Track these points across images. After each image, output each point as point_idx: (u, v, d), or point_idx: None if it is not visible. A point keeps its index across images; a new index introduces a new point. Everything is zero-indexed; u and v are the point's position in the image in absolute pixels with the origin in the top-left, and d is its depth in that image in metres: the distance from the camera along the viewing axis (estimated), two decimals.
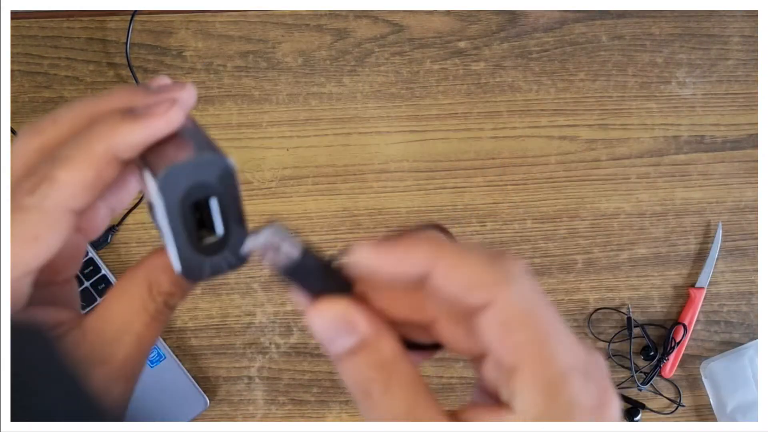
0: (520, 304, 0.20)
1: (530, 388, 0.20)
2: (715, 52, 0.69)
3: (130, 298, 0.25)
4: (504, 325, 0.20)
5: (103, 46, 0.66)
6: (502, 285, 0.20)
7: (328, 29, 0.67)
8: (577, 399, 0.20)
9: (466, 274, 0.21)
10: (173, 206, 0.23)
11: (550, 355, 0.20)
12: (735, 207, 0.67)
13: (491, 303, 0.20)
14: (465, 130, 0.66)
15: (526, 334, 0.20)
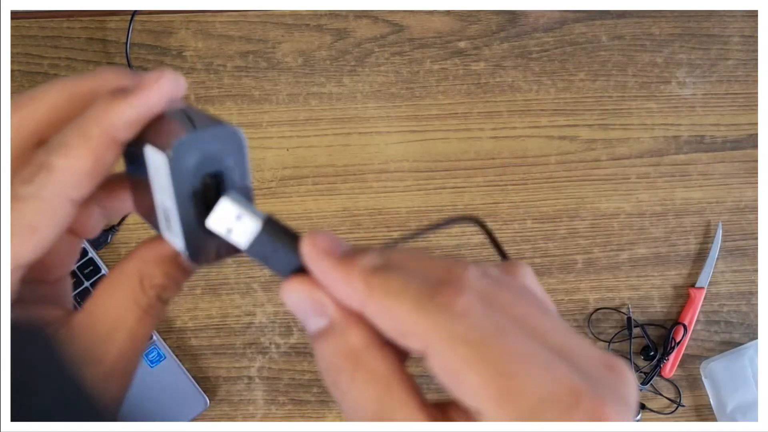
0: (460, 348, 0.18)
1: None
2: (715, 52, 0.69)
3: (121, 292, 0.24)
4: (447, 371, 0.18)
5: (103, 46, 0.66)
6: (433, 331, 0.18)
7: (328, 29, 0.67)
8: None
9: (394, 322, 0.19)
10: (183, 179, 0.21)
11: (514, 391, 0.18)
12: (735, 207, 0.67)
13: (427, 351, 0.19)
14: (465, 130, 0.66)
15: (476, 377, 0.18)
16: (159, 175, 0.22)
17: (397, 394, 0.19)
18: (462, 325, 0.18)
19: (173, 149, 0.21)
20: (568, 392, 0.18)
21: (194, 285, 0.63)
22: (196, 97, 0.65)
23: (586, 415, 0.18)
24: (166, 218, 0.23)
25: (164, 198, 0.22)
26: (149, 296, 0.24)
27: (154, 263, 0.24)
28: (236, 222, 0.21)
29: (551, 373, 0.18)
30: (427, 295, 0.19)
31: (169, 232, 0.23)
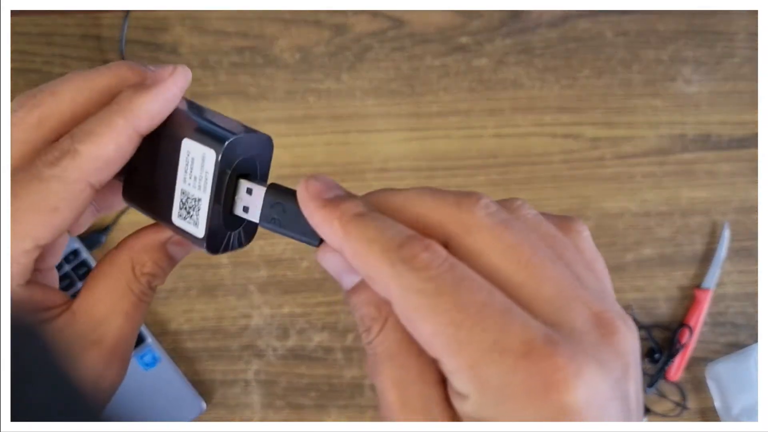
0: (414, 297, 0.19)
1: (455, 375, 0.19)
2: (721, 49, 0.68)
3: (114, 279, 0.25)
4: (405, 321, 0.20)
5: (97, 42, 0.65)
6: (393, 281, 0.19)
7: (327, 24, 0.66)
8: (506, 380, 0.18)
9: (363, 267, 0.20)
10: (223, 173, 0.24)
11: (463, 340, 0.18)
12: (741, 207, 0.66)
13: (390, 300, 0.20)
14: (467, 128, 0.65)
15: (429, 327, 0.19)
16: (196, 168, 0.24)
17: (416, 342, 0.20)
18: (419, 276, 0.19)
19: (225, 147, 0.23)
20: (519, 343, 0.18)
21: (189, 287, 0.62)
22: (191, 93, 0.64)
23: (536, 365, 0.18)
24: (187, 207, 0.25)
25: (194, 189, 0.24)
26: (141, 283, 0.26)
27: (144, 251, 0.26)
28: (249, 197, 0.24)
29: (506, 323, 0.18)
30: (396, 245, 0.20)
31: (187, 220, 0.25)
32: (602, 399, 0.18)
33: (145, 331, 0.60)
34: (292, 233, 0.24)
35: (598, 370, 0.18)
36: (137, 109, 0.23)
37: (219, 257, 0.62)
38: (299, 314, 0.62)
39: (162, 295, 0.61)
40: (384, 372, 0.20)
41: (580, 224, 0.22)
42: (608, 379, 0.18)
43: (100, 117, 0.23)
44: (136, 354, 0.59)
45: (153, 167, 0.25)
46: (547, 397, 0.17)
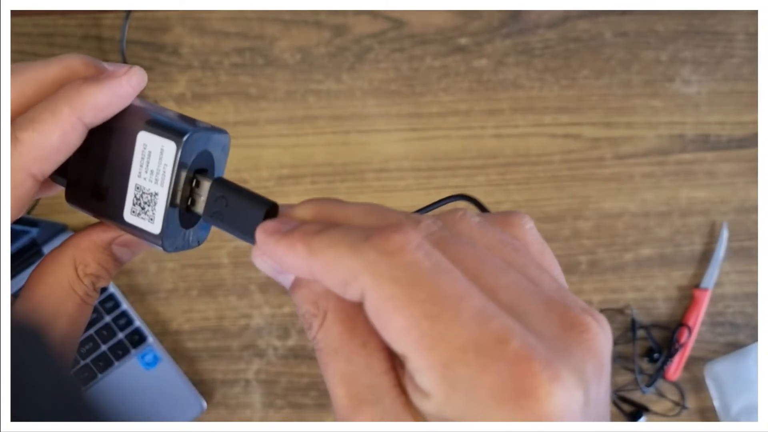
0: (387, 286, 0.18)
1: (424, 372, 0.17)
2: (720, 49, 0.68)
3: (58, 280, 0.24)
4: (375, 314, 0.18)
5: (98, 43, 0.65)
6: (364, 271, 0.18)
7: (327, 25, 0.66)
8: (478, 381, 0.17)
9: (334, 273, 0.19)
10: (182, 166, 0.23)
11: (437, 335, 0.17)
12: (740, 207, 0.66)
13: (362, 297, 0.18)
14: (466, 128, 0.65)
15: (402, 319, 0.17)
16: (153, 161, 0.23)
17: (360, 333, 0.19)
18: (393, 261, 0.18)
19: (186, 140, 0.23)
20: (493, 341, 0.17)
21: (190, 287, 0.62)
22: (192, 94, 0.64)
23: (509, 368, 0.16)
24: (142, 203, 0.24)
25: (150, 183, 0.23)
26: (85, 284, 0.25)
27: (88, 251, 0.25)
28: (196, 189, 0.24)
29: (482, 319, 0.17)
30: (363, 238, 0.18)
31: (141, 216, 0.24)
32: (577, 406, 0.17)
33: (146, 331, 0.60)
34: (232, 229, 0.23)
35: (574, 375, 0.17)
36: (84, 99, 0.23)
37: (219, 256, 0.62)
38: (299, 315, 0.62)
39: (162, 295, 0.62)
40: (330, 367, 0.20)
41: (523, 217, 0.22)
42: (583, 384, 0.17)
43: (44, 105, 0.23)
44: (137, 354, 0.59)
45: (101, 164, 0.24)
46: (517, 402, 0.16)
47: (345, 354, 0.19)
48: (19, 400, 0.18)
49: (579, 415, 0.17)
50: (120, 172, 0.24)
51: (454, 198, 0.26)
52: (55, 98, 0.23)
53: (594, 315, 0.19)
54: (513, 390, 0.17)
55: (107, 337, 0.59)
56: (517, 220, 0.22)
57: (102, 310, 0.60)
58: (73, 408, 0.19)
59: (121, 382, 0.59)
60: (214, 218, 0.24)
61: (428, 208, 0.26)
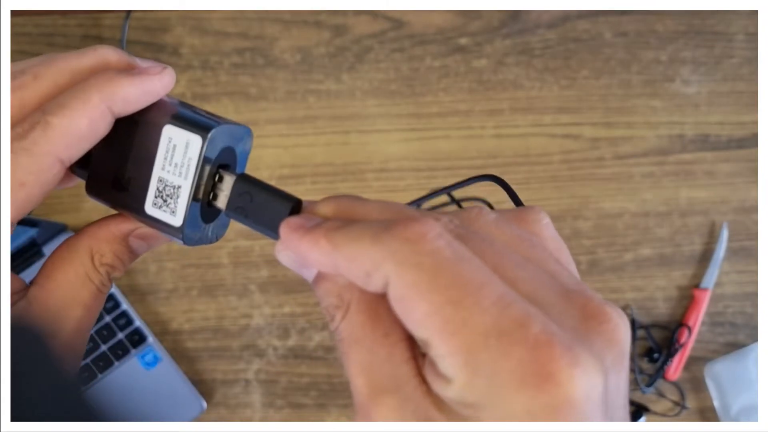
0: (411, 272, 0.18)
1: (446, 359, 0.18)
2: (720, 49, 0.68)
3: (74, 267, 0.24)
4: (399, 301, 0.18)
5: (98, 43, 0.65)
6: (387, 260, 0.18)
7: (327, 25, 0.66)
8: (501, 366, 0.17)
9: (357, 265, 0.19)
10: (207, 161, 0.24)
11: (460, 321, 0.17)
12: (740, 207, 0.66)
13: (386, 286, 0.19)
14: (466, 128, 0.65)
15: (426, 305, 0.18)
16: (177, 154, 0.24)
17: (382, 324, 0.20)
18: (415, 249, 0.18)
19: (212, 135, 0.23)
20: (515, 326, 0.17)
21: (190, 286, 0.62)
22: (192, 94, 0.64)
23: (531, 353, 0.17)
24: (164, 195, 0.24)
25: (174, 176, 0.24)
26: (101, 273, 0.25)
27: (104, 241, 0.25)
28: (220, 185, 0.24)
29: (503, 305, 0.17)
30: (383, 228, 0.19)
31: (162, 209, 0.24)
32: (598, 392, 0.17)
33: (146, 331, 0.60)
34: (256, 224, 0.24)
35: (594, 362, 0.17)
36: (115, 89, 0.23)
37: (219, 256, 0.62)
38: (300, 314, 0.62)
39: (163, 295, 0.62)
40: (351, 357, 0.20)
41: (539, 212, 0.22)
42: (603, 372, 0.17)
43: (74, 91, 0.23)
44: (137, 354, 0.59)
45: (125, 155, 0.24)
46: (541, 388, 0.17)
47: (367, 344, 0.20)
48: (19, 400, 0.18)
49: (599, 402, 0.17)
50: (143, 164, 0.24)
51: (482, 178, 0.26)
52: (87, 86, 0.23)
53: (614, 307, 0.19)
54: (534, 374, 0.17)
55: (107, 337, 0.59)
56: (534, 216, 0.22)
57: (102, 310, 0.60)
58: (73, 408, 0.19)
59: (121, 382, 0.59)
60: (237, 213, 0.24)
61: (457, 186, 0.26)
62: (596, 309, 0.19)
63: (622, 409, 0.19)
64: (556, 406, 0.17)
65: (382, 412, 0.19)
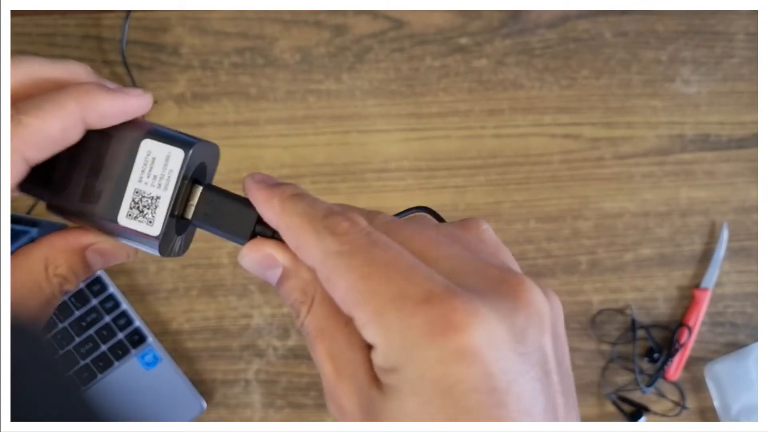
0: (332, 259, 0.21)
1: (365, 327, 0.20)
2: (720, 49, 0.68)
3: (25, 275, 0.24)
4: (326, 283, 0.21)
5: (98, 43, 0.65)
6: (315, 247, 0.21)
7: (327, 25, 0.66)
8: (409, 323, 0.19)
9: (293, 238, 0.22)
10: (185, 176, 0.25)
11: (370, 291, 0.20)
12: (740, 207, 0.66)
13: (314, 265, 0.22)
14: (466, 128, 0.65)
15: (343, 283, 0.20)
16: (157, 167, 0.24)
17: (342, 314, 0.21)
18: (337, 240, 0.21)
19: (194, 148, 0.25)
20: (420, 291, 0.19)
21: (190, 287, 0.62)
22: (192, 94, 0.64)
23: (435, 309, 0.19)
24: (141, 206, 0.25)
25: (152, 188, 0.25)
26: (53, 285, 0.25)
27: (61, 251, 0.25)
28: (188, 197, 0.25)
29: (410, 275, 0.20)
30: (321, 217, 0.22)
31: (138, 219, 0.25)
32: (501, 342, 0.19)
33: (146, 331, 0.60)
34: (221, 231, 0.25)
35: (493, 312, 0.19)
36: (92, 101, 0.23)
37: (219, 256, 0.62)
38: None
39: (163, 295, 0.61)
40: (317, 347, 0.22)
41: (479, 220, 0.24)
42: (506, 324, 0.19)
43: (51, 95, 0.23)
44: (137, 354, 0.59)
45: (95, 168, 0.25)
46: (446, 336, 0.18)
47: (330, 333, 0.22)
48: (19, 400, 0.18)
49: (508, 350, 0.19)
50: (117, 176, 0.25)
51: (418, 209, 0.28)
52: (64, 92, 0.23)
53: (534, 283, 0.21)
54: (439, 325, 0.19)
55: (107, 337, 0.59)
56: (474, 224, 0.24)
57: (102, 310, 0.60)
58: (73, 408, 0.19)
59: (121, 382, 0.59)
60: (204, 221, 0.25)
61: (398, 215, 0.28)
62: (513, 280, 0.20)
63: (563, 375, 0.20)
64: (461, 352, 0.18)
65: (344, 395, 0.21)
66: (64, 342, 0.59)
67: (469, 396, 0.18)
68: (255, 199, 0.23)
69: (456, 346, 0.18)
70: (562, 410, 0.20)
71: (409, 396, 0.19)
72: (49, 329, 0.59)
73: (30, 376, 0.19)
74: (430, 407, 0.19)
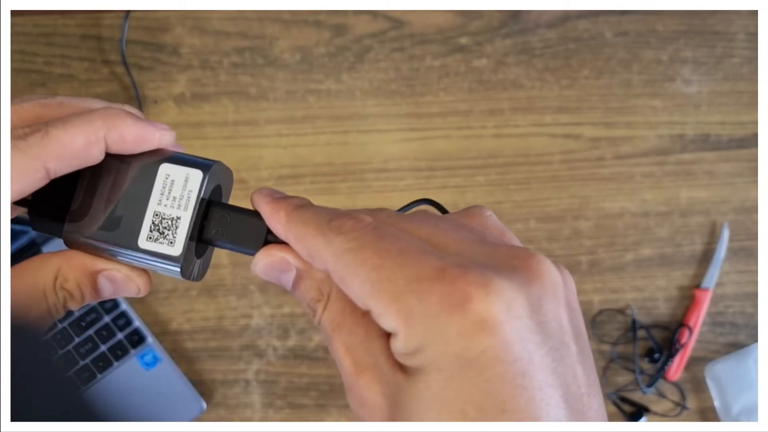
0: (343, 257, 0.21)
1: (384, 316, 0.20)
2: (721, 49, 0.68)
3: (34, 280, 0.25)
4: (340, 282, 0.22)
5: (97, 43, 0.65)
6: (326, 249, 0.22)
7: (327, 25, 0.66)
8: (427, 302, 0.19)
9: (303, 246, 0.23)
10: (203, 198, 0.25)
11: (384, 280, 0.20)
12: (740, 207, 0.66)
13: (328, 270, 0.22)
14: (466, 128, 0.65)
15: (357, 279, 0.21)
16: (176, 189, 0.25)
17: (357, 307, 0.22)
18: (345, 238, 0.21)
19: (213, 168, 0.25)
20: (434, 271, 0.20)
21: (190, 287, 0.62)
22: (191, 94, 0.64)
23: (450, 285, 0.19)
24: (161, 228, 0.25)
25: (172, 209, 0.25)
26: (57, 296, 0.25)
27: (73, 267, 0.25)
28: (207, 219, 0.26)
29: (421, 259, 0.20)
30: (326, 221, 0.22)
31: (159, 241, 0.25)
32: (519, 312, 0.19)
33: (146, 331, 0.60)
34: (236, 245, 0.25)
35: (510, 285, 0.19)
36: (118, 123, 0.24)
37: (219, 257, 0.62)
38: (299, 314, 0.62)
39: (162, 295, 0.61)
40: (335, 342, 0.22)
41: (482, 207, 0.24)
42: (522, 294, 0.19)
43: (80, 113, 0.24)
44: (136, 354, 0.59)
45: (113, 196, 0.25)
46: (465, 309, 0.19)
47: (347, 327, 0.22)
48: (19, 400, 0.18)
49: (527, 320, 0.19)
50: (137, 200, 0.25)
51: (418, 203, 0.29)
52: (93, 112, 0.24)
53: (544, 256, 0.21)
54: (457, 299, 0.19)
55: (106, 337, 0.59)
56: (478, 211, 0.24)
57: (101, 310, 0.60)
58: (73, 408, 0.19)
59: (120, 382, 0.59)
60: (221, 238, 0.26)
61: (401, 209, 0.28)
62: (524, 254, 0.21)
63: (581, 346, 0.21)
64: (482, 323, 0.19)
65: (366, 386, 0.21)
66: (64, 342, 0.58)
67: (493, 366, 0.18)
68: (264, 212, 0.24)
69: (476, 318, 0.19)
70: (584, 381, 0.20)
71: (434, 374, 0.19)
72: (49, 329, 0.59)
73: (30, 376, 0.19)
74: (456, 381, 0.19)
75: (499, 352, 0.19)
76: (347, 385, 0.22)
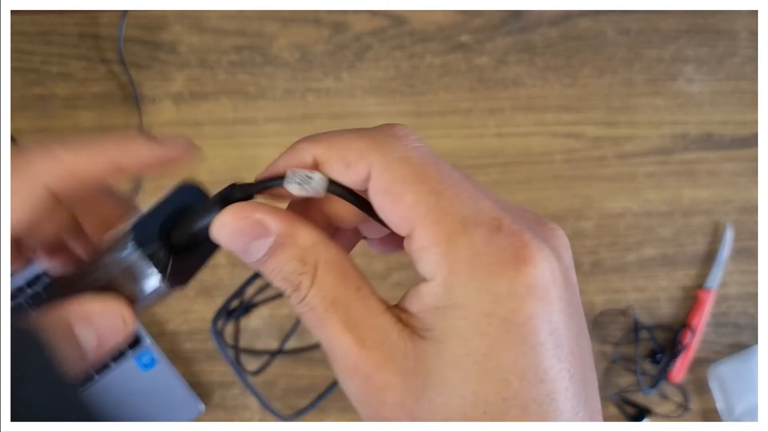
0: (399, 167, 0.19)
1: (428, 250, 0.19)
2: (723, 48, 0.68)
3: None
4: (387, 192, 0.19)
5: (95, 41, 0.64)
6: (374, 151, 0.19)
7: (326, 23, 0.65)
8: (480, 251, 0.18)
9: (340, 152, 0.20)
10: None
11: (442, 210, 0.18)
12: (743, 207, 0.65)
13: (370, 175, 0.19)
14: (467, 127, 0.65)
15: (411, 195, 0.19)
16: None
17: (352, 280, 0.20)
18: (401, 143, 0.19)
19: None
20: (490, 218, 0.19)
21: (188, 287, 0.61)
22: (190, 93, 0.64)
23: (507, 239, 0.18)
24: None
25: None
26: None
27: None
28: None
29: (478, 199, 0.19)
30: (369, 129, 0.20)
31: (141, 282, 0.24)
32: (559, 280, 0.19)
33: (143, 332, 0.59)
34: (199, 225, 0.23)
35: (551, 252, 0.19)
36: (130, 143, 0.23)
37: (217, 257, 0.61)
38: None
39: None
40: (331, 320, 0.19)
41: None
42: (559, 263, 0.19)
43: (95, 138, 0.23)
44: (134, 355, 0.59)
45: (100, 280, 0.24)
46: (519, 269, 0.18)
47: (343, 302, 0.19)
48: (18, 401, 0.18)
49: (562, 281, 0.19)
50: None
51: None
52: (107, 140, 0.23)
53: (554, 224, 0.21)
54: (512, 257, 0.18)
55: None
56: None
57: None
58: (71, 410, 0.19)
59: (118, 383, 0.58)
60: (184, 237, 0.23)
61: None
62: (548, 222, 0.21)
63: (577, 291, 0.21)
64: (533, 287, 0.18)
65: (376, 365, 0.19)
66: None
67: (539, 334, 0.18)
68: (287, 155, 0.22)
69: (529, 281, 0.18)
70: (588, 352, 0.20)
71: (477, 339, 0.18)
72: None
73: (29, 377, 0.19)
74: (502, 348, 0.18)
75: (544, 320, 0.18)
76: (346, 366, 0.19)
